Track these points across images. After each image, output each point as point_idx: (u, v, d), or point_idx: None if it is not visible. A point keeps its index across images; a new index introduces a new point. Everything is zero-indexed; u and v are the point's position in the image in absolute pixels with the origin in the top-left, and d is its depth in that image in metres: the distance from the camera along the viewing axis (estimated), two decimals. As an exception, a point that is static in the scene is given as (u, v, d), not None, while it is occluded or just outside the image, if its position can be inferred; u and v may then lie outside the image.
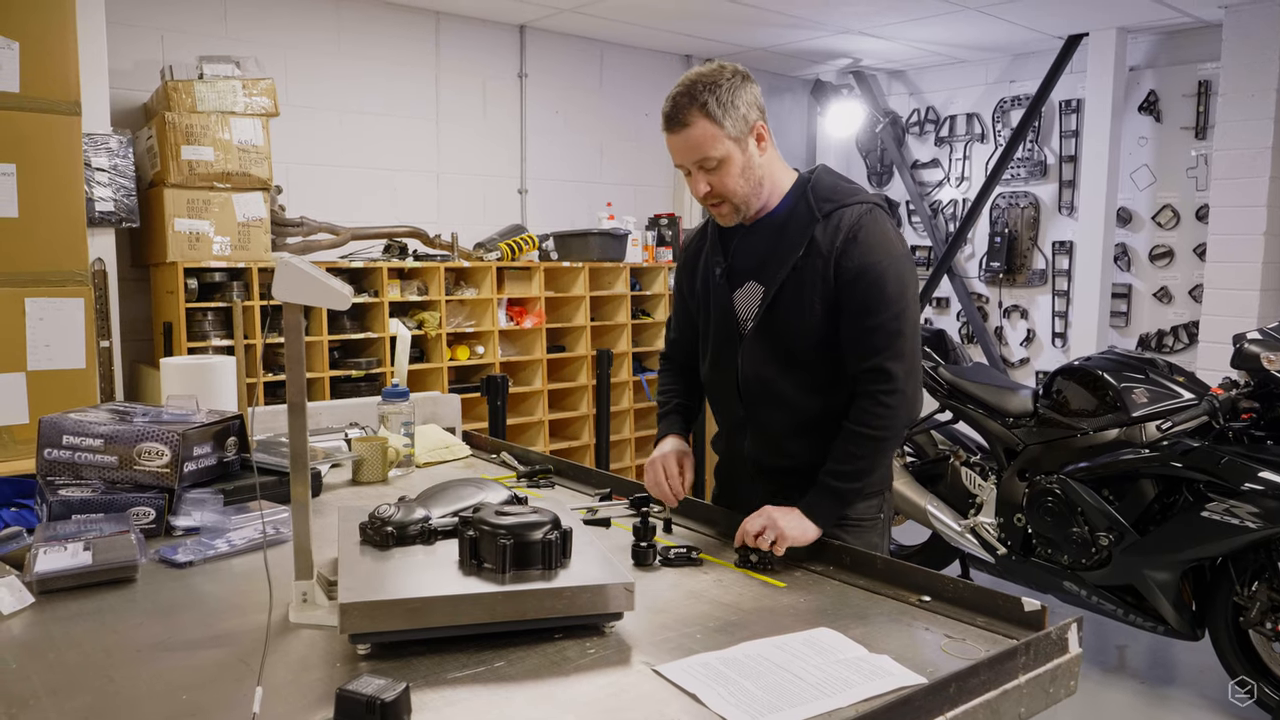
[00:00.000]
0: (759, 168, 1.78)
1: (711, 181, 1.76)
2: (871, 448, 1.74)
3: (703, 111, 1.70)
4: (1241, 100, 5.04)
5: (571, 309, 5.36)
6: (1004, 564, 3.58)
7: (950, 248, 6.50)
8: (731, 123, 1.71)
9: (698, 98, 1.70)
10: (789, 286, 1.77)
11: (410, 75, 5.25)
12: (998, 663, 1.20)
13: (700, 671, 1.20)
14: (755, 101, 1.76)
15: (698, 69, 1.75)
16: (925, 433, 4.09)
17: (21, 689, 1.16)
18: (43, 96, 2.64)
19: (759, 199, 1.81)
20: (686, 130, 1.72)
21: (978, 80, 6.58)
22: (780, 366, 1.81)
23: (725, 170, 1.75)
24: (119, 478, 1.83)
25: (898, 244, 1.77)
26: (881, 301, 1.72)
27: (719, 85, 1.71)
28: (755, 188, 1.79)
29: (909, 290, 1.75)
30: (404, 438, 2.37)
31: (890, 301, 1.72)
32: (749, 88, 1.75)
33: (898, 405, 1.73)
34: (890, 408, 1.72)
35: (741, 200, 1.79)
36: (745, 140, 1.74)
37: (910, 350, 1.74)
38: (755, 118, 1.75)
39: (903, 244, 1.79)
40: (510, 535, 1.34)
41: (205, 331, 4.11)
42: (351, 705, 1.04)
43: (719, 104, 1.70)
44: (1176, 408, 3.16)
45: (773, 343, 1.81)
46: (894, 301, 1.72)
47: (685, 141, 1.73)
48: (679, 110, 1.72)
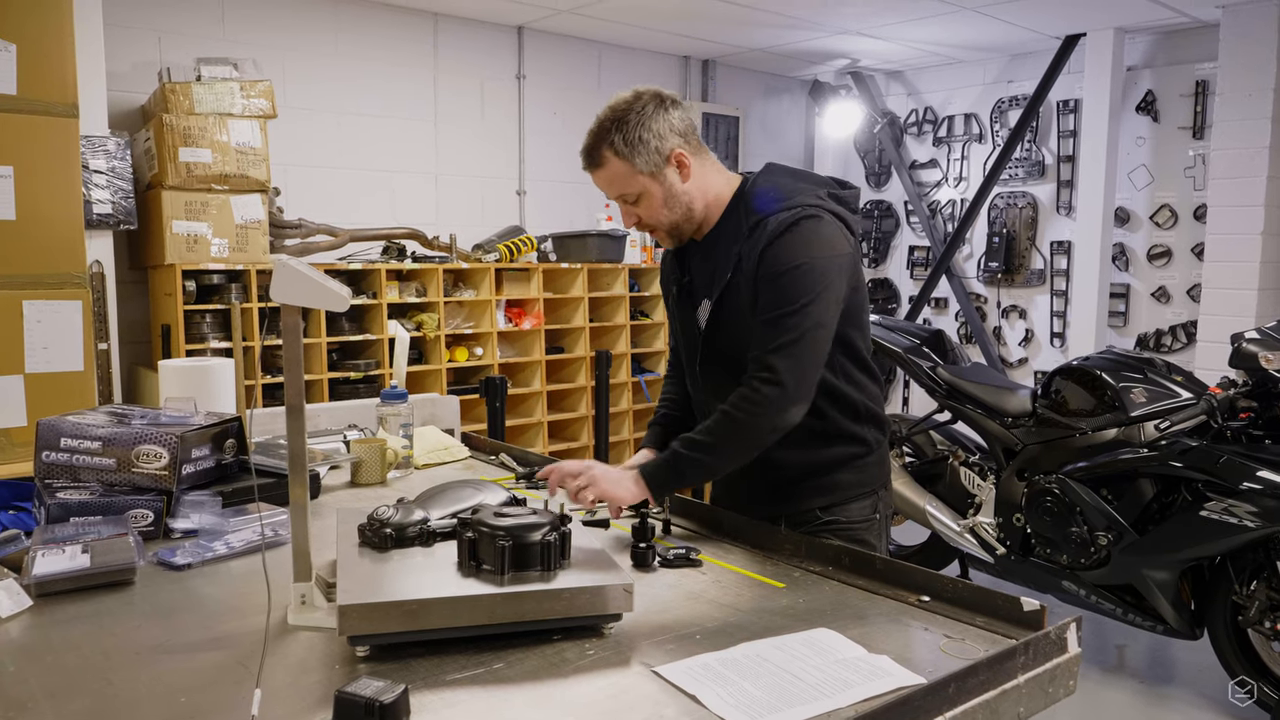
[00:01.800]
0: (684, 194, 1.76)
1: (637, 213, 1.78)
2: (728, 430, 1.67)
3: (612, 149, 1.71)
4: (1239, 100, 5.04)
5: (570, 310, 5.37)
6: (1003, 564, 3.58)
7: (948, 248, 6.50)
8: (643, 159, 1.71)
9: (605, 137, 1.71)
10: (727, 301, 1.76)
11: (408, 77, 5.25)
12: (997, 663, 1.20)
13: (699, 672, 1.20)
14: (674, 129, 1.73)
15: (614, 100, 1.74)
16: (924, 433, 4.09)
17: (19, 692, 1.16)
18: (40, 99, 2.64)
19: (691, 222, 1.80)
20: (600, 170, 1.75)
21: (975, 80, 6.59)
22: (734, 379, 1.77)
23: (646, 204, 1.76)
24: (117, 480, 1.83)
25: (818, 247, 1.68)
26: (783, 298, 1.66)
27: (626, 122, 1.70)
28: (684, 213, 1.78)
29: (818, 289, 1.66)
30: (402, 439, 2.36)
31: (790, 299, 1.66)
32: (663, 116, 1.72)
33: (771, 396, 1.64)
34: (762, 395, 1.64)
35: (670, 227, 1.79)
36: (661, 172, 1.73)
37: (804, 352, 1.66)
38: (672, 146, 1.73)
39: (830, 246, 1.69)
40: (509, 537, 1.34)
41: (203, 333, 4.11)
42: (350, 707, 1.04)
43: (625, 142, 1.70)
44: (1175, 407, 3.16)
45: (724, 356, 1.81)
46: (795, 299, 1.65)
47: (602, 180, 1.76)
48: (590, 151, 1.74)
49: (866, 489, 1.86)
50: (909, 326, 4.09)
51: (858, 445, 1.84)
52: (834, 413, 1.80)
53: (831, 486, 1.83)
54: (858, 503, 1.85)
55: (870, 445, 1.86)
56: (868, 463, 1.86)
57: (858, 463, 1.85)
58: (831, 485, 1.83)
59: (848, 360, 1.80)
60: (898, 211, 7.08)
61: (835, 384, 1.78)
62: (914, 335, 3.95)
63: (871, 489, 1.87)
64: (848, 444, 1.82)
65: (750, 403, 1.66)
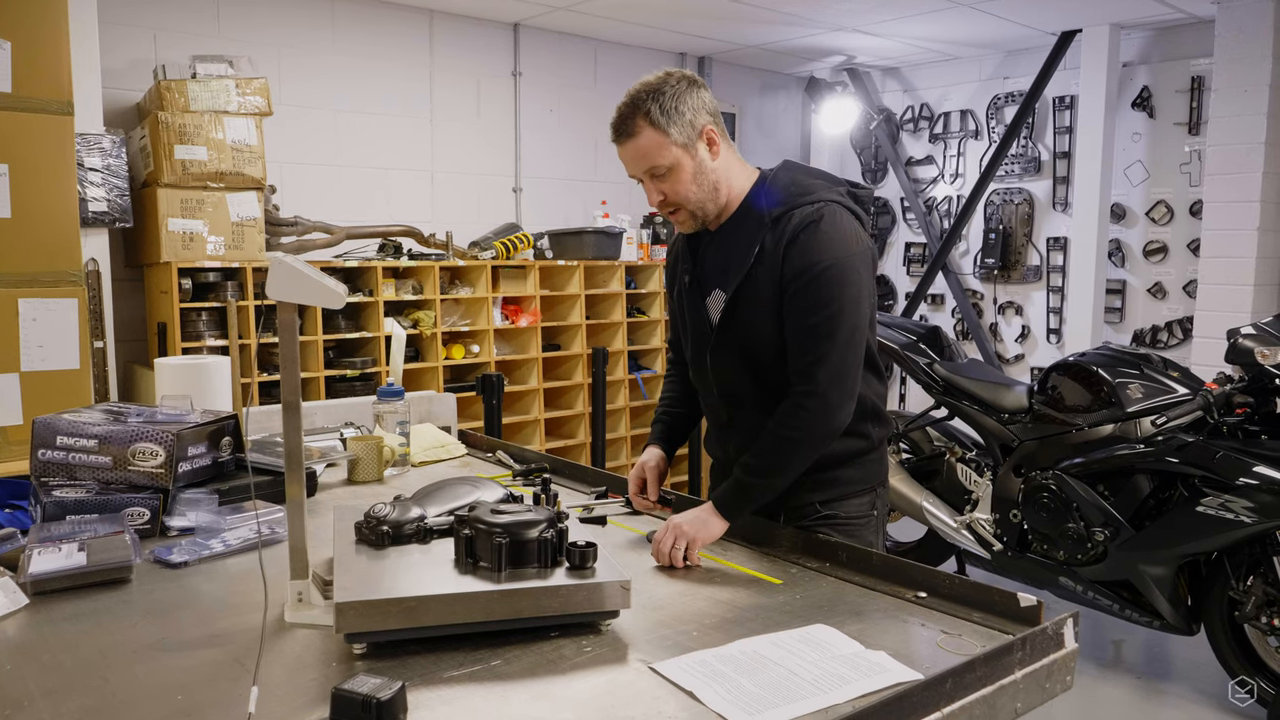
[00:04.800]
0: (712, 172, 1.76)
1: (664, 190, 1.76)
2: (784, 449, 1.71)
3: (647, 119, 1.70)
4: (1235, 95, 5.04)
5: (567, 307, 5.36)
6: (1000, 560, 3.59)
7: (945, 244, 6.50)
8: (678, 129, 1.70)
9: (641, 106, 1.70)
10: (744, 293, 1.76)
11: (404, 74, 5.24)
12: (994, 658, 1.20)
13: (697, 669, 1.20)
14: (705, 106, 1.74)
15: (645, 78, 1.74)
16: (921, 429, 4.09)
17: (16, 690, 1.16)
18: (35, 96, 2.64)
19: (715, 204, 1.79)
20: (633, 140, 1.72)
21: (971, 77, 6.59)
22: (748, 372, 1.81)
23: (676, 177, 1.74)
24: (113, 478, 1.83)
25: (843, 244, 1.70)
26: (815, 303, 1.69)
27: (663, 93, 1.70)
28: (710, 193, 1.77)
29: (849, 291, 1.69)
30: (399, 437, 2.36)
31: (823, 303, 1.68)
32: (696, 93, 1.73)
33: (815, 410, 1.69)
34: (807, 411, 1.69)
35: (696, 206, 1.78)
36: (694, 146, 1.73)
37: (840, 356, 1.69)
38: (704, 122, 1.73)
39: (856, 241, 1.72)
40: (506, 534, 1.34)
41: (199, 331, 4.10)
42: (347, 704, 1.04)
43: (663, 111, 1.69)
44: (1171, 403, 3.17)
45: (737, 349, 1.81)
46: (827, 303, 1.68)
47: (633, 151, 1.74)
48: (624, 120, 1.72)
49: (866, 485, 1.88)
50: (905, 323, 4.09)
51: (861, 441, 1.85)
52: None
53: (832, 481, 1.84)
54: (856, 499, 1.86)
55: (873, 441, 1.87)
56: (869, 459, 1.87)
57: (860, 459, 1.86)
58: (833, 480, 1.84)
59: None
60: (894, 208, 7.08)
61: None
62: (910, 332, 3.96)
63: (870, 485, 1.89)
64: (852, 439, 1.82)
65: (797, 419, 1.70)
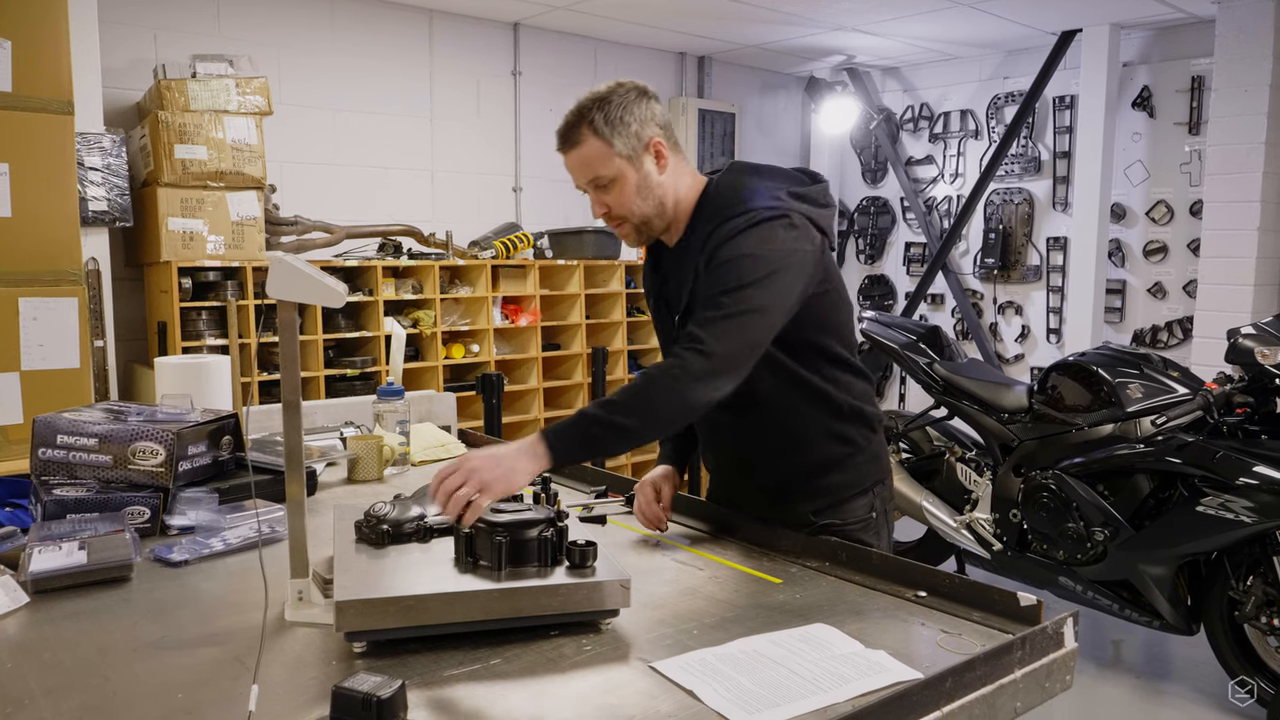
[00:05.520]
0: (658, 186, 1.70)
1: (608, 201, 1.71)
2: (648, 393, 1.54)
3: (591, 129, 1.66)
4: (1235, 95, 5.04)
5: (566, 307, 5.36)
6: (999, 559, 3.59)
7: (944, 244, 6.50)
8: (622, 140, 1.66)
9: (586, 115, 1.67)
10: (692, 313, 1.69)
11: (404, 73, 5.24)
12: (994, 657, 1.20)
13: (697, 668, 1.20)
14: (653, 118, 1.70)
15: (594, 89, 1.71)
16: (921, 429, 4.09)
17: (17, 689, 1.16)
18: (35, 95, 2.64)
19: (662, 218, 1.73)
20: (576, 149, 1.69)
21: (971, 77, 6.59)
22: None
23: (619, 189, 1.69)
24: (114, 477, 1.83)
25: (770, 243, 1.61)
26: (721, 281, 1.59)
27: (609, 102, 1.66)
28: (656, 207, 1.71)
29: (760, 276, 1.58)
30: (399, 436, 2.36)
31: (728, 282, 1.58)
32: (645, 104, 1.69)
33: (694, 364, 1.52)
34: (685, 361, 1.53)
35: (641, 220, 1.72)
36: (639, 158, 1.68)
37: (735, 330, 1.55)
38: (651, 134, 1.69)
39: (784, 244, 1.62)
40: (506, 532, 1.34)
41: (199, 331, 4.10)
42: (347, 702, 1.04)
43: (607, 121, 1.66)
44: (1171, 403, 3.17)
45: None
46: (732, 282, 1.58)
47: (576, 161, 1.70)
48: (569, 129, 1.69)
49: (859, 488, 1.81)
50: (905, 323, 4.09)
51: (844, 445, 1.79)
52: (814, 412, 1.75)
53: (823, 489, 1.79)
54: (851, 503, 1.80)
55: (857, 443, 1.80)
56: (856, 462, 1.81)
57: (847, 462, 1.80)
58: (823, 488, 1.79)
59: (823, 361, 1.75)
60: (894, 208, 7.08)
61: (812, 382, 1.73)
62: (910, 331, 3.96)
63: (865, 487, 1.82)
64: (833, 444, 1.78)
65: (673, 368, 1.54)
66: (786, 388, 1.73)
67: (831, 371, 1.76)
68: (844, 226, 7.31)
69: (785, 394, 1.74)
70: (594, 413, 1.51)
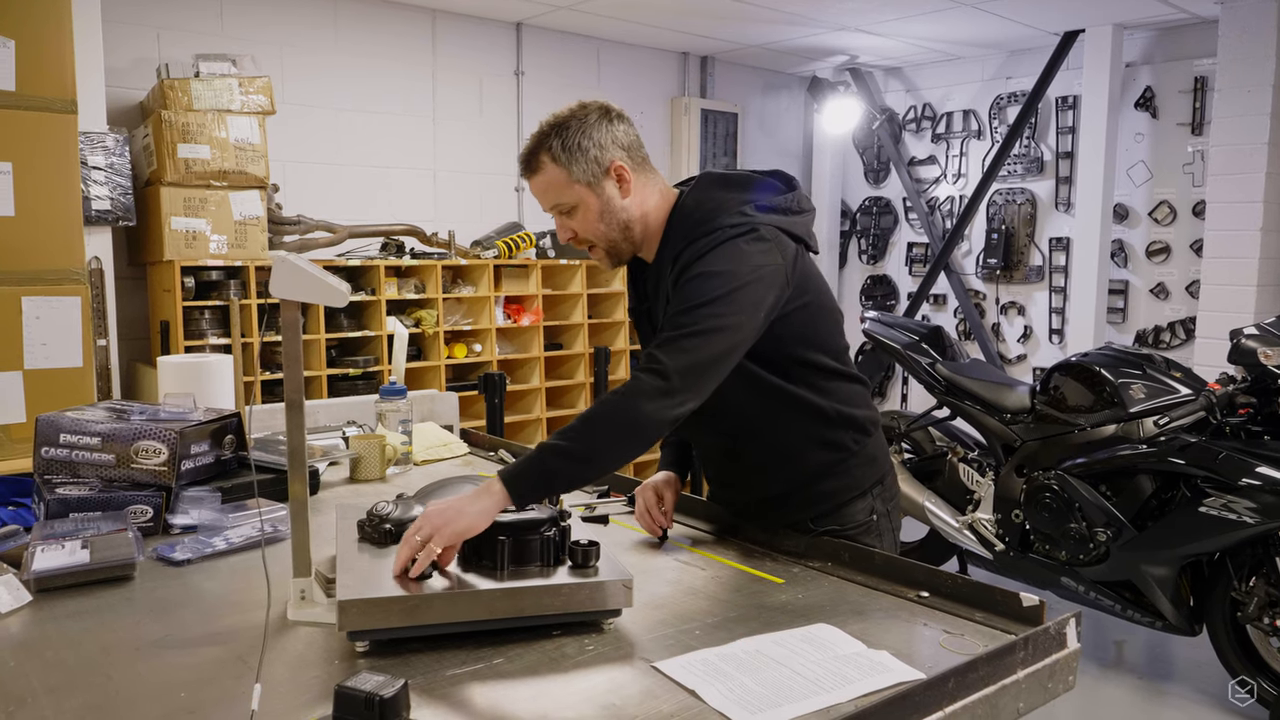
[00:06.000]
0: (621, 210, 1.68)
1: (573, 226, 1.69)
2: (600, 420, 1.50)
3: (549, 155, 1.65)
4: (1238, 96, 5.04)
5: (569, 306, 5.36)
6: (1002, 560, 3.58)
7: (947, 245, 6.50)
8: (580, 167, 1.64)
9: (544, 142, 1.66)
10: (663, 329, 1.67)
11: (407, 73, 5.24)
12: (996, 658, 1.20)
13: (699, 668, 1.20)
14: (616, 140, 1.67)
15: (559, 110, 1.69)
16: (923, 429, 4.09)
17: (19, 687, 1.16)
18: (38, 95, 2.64)
19: (630, 242, 1.71)
20: (536, 176, 1.68)
21: (974, 77, 6.58)
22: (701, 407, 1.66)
23: (582, 216, 1.67)
24: (116, 476, 1.83)
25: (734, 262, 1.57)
26: (682, 299, 1.57)
27: (567, 129, 1.64)
28: (622, 230, 1.69)
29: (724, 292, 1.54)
30: (402, 435, 2.37)
31: (690, 299, 1.56)
32: (607, 127, 1.66)
33: (648, 385, 1.48)
34: (640, 383, 1.49)
35: (607, 244, 1.71)
36: (599, 184, 1.66)
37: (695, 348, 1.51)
38: (613, 158, 1.65)
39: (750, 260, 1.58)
40: (508, 532, 1.34)
41: (202, 330, 4.11)
42: (350, 702, 1.04)
43: (564, 149, 1.64)
44: (1173, 403, 3.17)
45: None
46: (694, 299, 1.55)
47: (538, 187, 1.69)
48: (529, 156, 1.68)
49: (855, 491, 1.79)
50: (908, 323, 4.09)
51: (835, 451, 1.77)
52: (802, 422, 1.74)
53: (819, 497, 1.78)
54: (850, 508, 1.78)
55: (849, 448, 1.78)
56: (850, 466, 1.78)
57: (839, 468, 1.77)
58: (819, 495, 1.77)
59: (808, 372, 1.72)
60: (896, 208, 7.07)
61: (795, 392, 1.71)
62: (913, 332, 3.96)
63: (862, 490, 1.80)
64: (824, 451, 1.76)
65: (629, 392, 1.50)
66: (770, 402, 1.72)
67: (817, 381, 1.74)
68: (846, 226, 7.31)
69: (770, 409, 1.72)
70: (550, 444, 1.46)
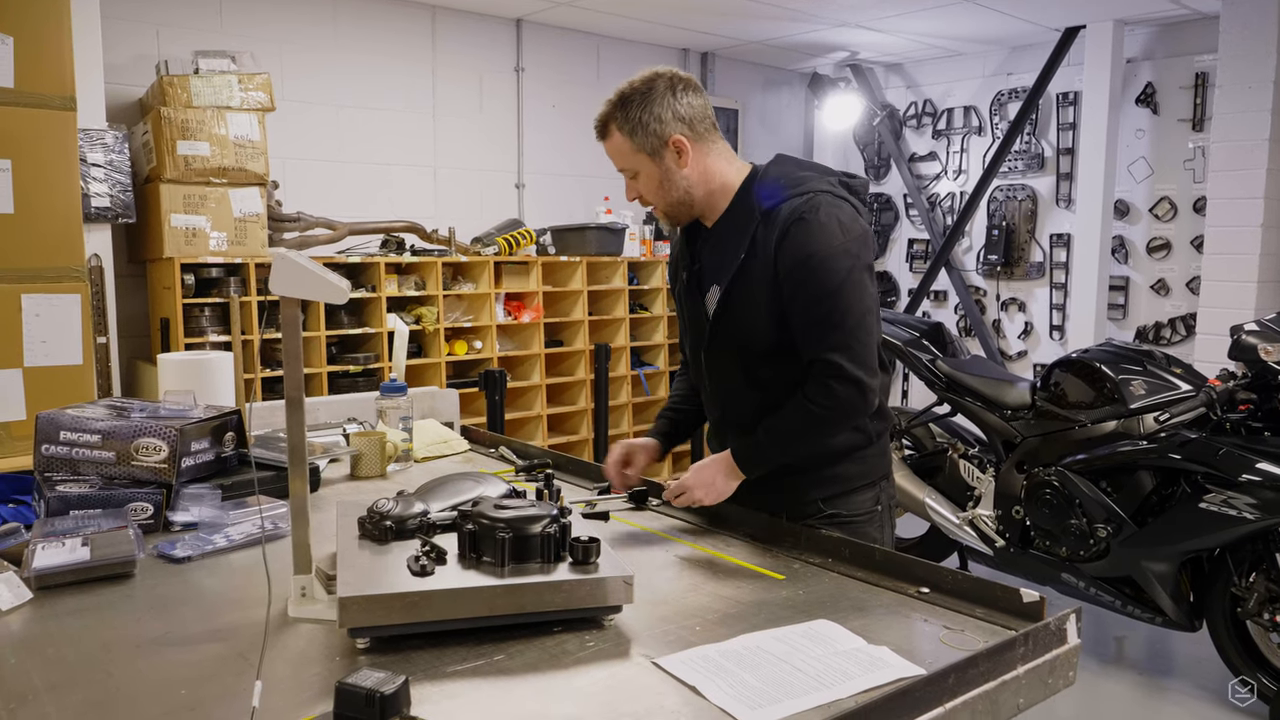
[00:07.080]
0: (682, 179, 1.77)
1: (637, 189, 1.81)
2: (808, 420, 1.72)
3: (615, 124, 1.76)
4: (1239, 92, 5.03)
5: (569, 303, 5.36)
6: (1002, 556, 3.59)
7: (948, 241, 6.50)
8: (641, 138, 1.74)
9: (613, 112, 1.76)
10: (737, 288, 1.77)
11: (407, 69, 5.24)
12: (996, 654, 1.20)
13: (700, 664, 1.20)
14: (678, 114, 1.75)
15: (634, 77, 1.77)
16: (923, 425, 4.09)
17: (20, 684, 1.16)
18: (37, 92, 2.64)
19: (688, 207, 1.81)
20: (606, 141, 1.80)
21: (975, 73, 6.58)
22: (742, 367, 1.82)
23: (644, 181, 1.80)
24: (117, 473, 1.83)
25: (836, 232, 1.69)
26: (819, 293, 1.69)
27: (632, 100, 1.74)
28: (682, 196, 1.79)
29: (851, 277, 1.69)
30: (402, 432, 2.36)
31: (827, 292, 1.68)
32: (671, 100, 1.75)
33: (847, 395, 1.69)
34: (837, 394, 1.69)
35: (666, 207, 1.82)
36: (660, 154, 1.76)
37: (857, 340, 1.70)
38: (673, 131, 1.75)
39: (847, 231, 1.70)
40: (509, 529, 1.34)
41: (202, 327, 4.11)
42: (351, 698, 1.04)
43: (628, 120, 1.74)
44: (1174, 399, 3.16)
45: (732, 345, 1.82)
46: (832, 292, 1.68)
47: (609, 151, 1.81)
48: (602, 122, 1.79)
49: (868, 480, 1.87)
50: (908, 319, 4.09)
51: (859, 436, 1.84)
52: None
53: (834, 478, 1.83)
54: (859, 494, 1.85)
55: (871, 437, 1.86)
56: (868, 454, 1.86)
57: (859, 454, 1.85)
58: (833, 477, 1.83)
59: None
60: (897, 204, 7.07)
61: None
62: (913, 328, 3.95)
63: (873, 480, 1.88)
64: (850, 434, 1.82)
65: (827, 398, 1.69)
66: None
67: None
68: (847, 223, 7.29)
69: None
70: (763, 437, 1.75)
